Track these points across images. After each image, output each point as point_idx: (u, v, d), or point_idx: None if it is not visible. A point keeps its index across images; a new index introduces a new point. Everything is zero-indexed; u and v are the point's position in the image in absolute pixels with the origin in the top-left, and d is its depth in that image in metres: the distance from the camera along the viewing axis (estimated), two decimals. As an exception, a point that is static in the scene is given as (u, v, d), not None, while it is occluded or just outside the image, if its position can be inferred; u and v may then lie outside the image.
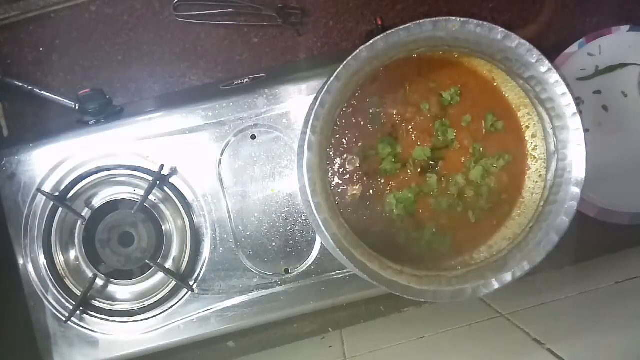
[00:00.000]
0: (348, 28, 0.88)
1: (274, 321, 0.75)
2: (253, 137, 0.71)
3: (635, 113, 0.83)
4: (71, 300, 0.71)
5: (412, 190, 0.63)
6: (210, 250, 0.71)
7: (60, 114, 0.83)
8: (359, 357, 0.73)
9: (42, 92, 0.83)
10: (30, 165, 0.71)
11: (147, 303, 0.72)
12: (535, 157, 0.64)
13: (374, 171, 0.63)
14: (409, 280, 0.58)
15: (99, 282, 0.73)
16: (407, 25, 0.56)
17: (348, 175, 0.63)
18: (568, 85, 0.58)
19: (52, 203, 0.70)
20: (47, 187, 0.71)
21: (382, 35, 0.56)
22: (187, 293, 0.72)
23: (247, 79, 0.75)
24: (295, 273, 0.71)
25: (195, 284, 0.72)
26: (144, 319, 0.72)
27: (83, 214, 0.71)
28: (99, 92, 0.74)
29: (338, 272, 0.71)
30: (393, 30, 0.56)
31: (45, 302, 0.72)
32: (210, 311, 0.72)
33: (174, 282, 0.71)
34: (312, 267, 0.71)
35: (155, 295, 0.72)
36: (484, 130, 0.64)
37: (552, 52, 0.82)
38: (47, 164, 0.71)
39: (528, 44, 0.57)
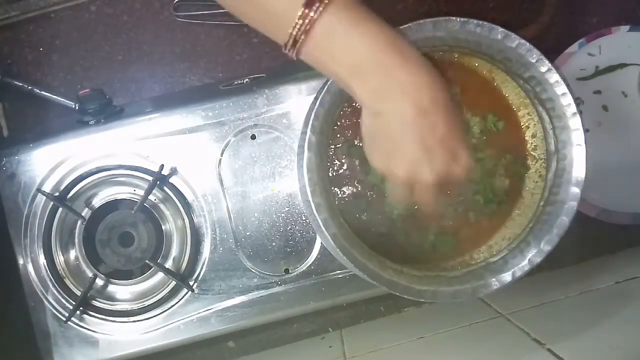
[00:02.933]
0: (348, 28, 0.88)
1: (274, 321, 0.75)
2: (253, 137, 0.71)
3: (635, 113, 0.83)
4: (71, 300, 0.71)
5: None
6: (210, 250, 0.71)
7: (60, 114, 0.84)
8: (359, 357, 0.73)
9: (42, 92, 0.83)
10: (30, 165, 0.71)
11: (147, 303, 0.72)
12: (535, 157, 0.64)
13: (374, 171, 0.63)
14: (409, 280, 0.58)
15: (99, 282, 0.73)
16: (407, 25, 0.56)
17: (348, 175, 0.63)
18: (568, 85, 0.58)
19: (52, 203, 0.70)
20: (47, 187, 0.71)
21: (382, 35, 0.56)
22: (187, 293, 0.72)
23: (247, 79, 0.75)
24: (295, 273, 0.71)
25: (195, 284, 0.72)
26: (144, 319, 0.72)
27: (83, 214, 0.71)
28: (99, 92, 0.74)
29: (338, 272, 0.71)
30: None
31: (45, 302, 0.72)
32: (210, 311, 0.72)
33: (174, 282, 0.71)
34: (312, 267, 0.71)
35: (155, 295, 0.72)
36: (484, 130, 0.64)
37: (552, 52, 0.82)
38: (47, 164, 0.71)
39: (528, 44, 0.57)
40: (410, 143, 0.46)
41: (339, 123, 0.63)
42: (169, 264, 0.72)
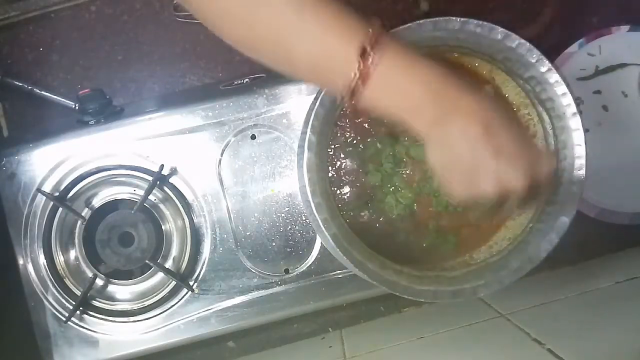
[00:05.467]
0: (348, 28, 0.88)
1: (274, 321, 0.75)
2: (253, 137, 0.71)
3: (635, 113, 0.83)
4: (71, 300, 0.71)
5: (412, 190, 0.63)
6: (210, 250, 0.71)
7: (60, 114, 0.84)
8: (359, 357, 0.73)
9: (42, 92, 0.83)
10: (30, 165, 0.71)
11: (147, 303, 0.72)
12: (535, 157, 0.64)
13: (374, 171, 0.63)
14: (409, 280, 0.58)
15: (99, 282, 0.73)
16: (407, 25, 0.56)
17: (348, 175, 0.63)
18: (568, 85, 0.58)
19: (52, 203, 0.70)
20: (47, 187, 0.71)
21: (382, 35, 0.56)
22: (187, 293, 0.72)
23: (247, 79, 0.75)
24: (295, 273, 0.71)
25: (195, 284, 0.72)
26: (144, 319, 0.72)
27: (83, 214, 0.71)
28: (99, 92, 0.74)
29: (338, 272, 0.71)
30: (393, 30, 0.56)
31: (45, 302, 0.72)
32: (210, 311, 0.72)
33: (174, 282, 0.71)
34: (312, 267, 0.71)
35: (155, 295, 0.72)
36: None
37: (552, 52, 0.82)
38: (47, 164, 0.71)
39: (528, 44, 0.57)
40: (489, 158, 0.46)
41: (339, 123, 0.63)
42: (169, 264, 0.72)
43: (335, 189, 0.63)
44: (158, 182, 0.70)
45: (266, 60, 0.47)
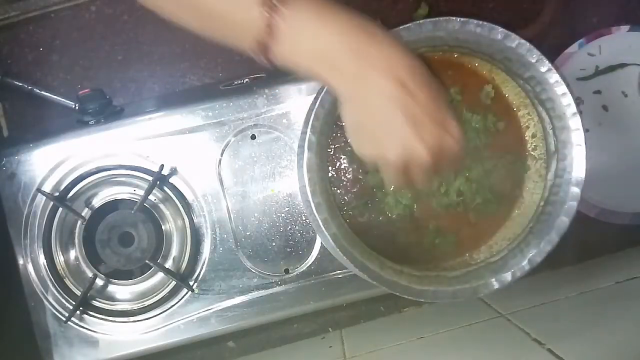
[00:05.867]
0: (348, 28, 0.88)
1: (274, 321, 0.75)
2: (253, 137, 0.71)
3: (635, 113, 0.83)
4: (71, 300, 0.71)
5: (412, 190, 0.63)
6: (210, 250, 0.71)
7: (60, 114, 0.84)
8: (359, 357, 0.73)
9: (42, 92, 0.83)
10: (30, 165, 0.71)
11: (147, 303, 0.72)
12: (535, 157, 0.64)
13: (374, 171, 0.63)
14: (409, 280, 0.58)
15: (99, 282, 0.73)
16: (407, 25, 0.56)
17: (348, 175, 0.63)
18: (568, 85, 0.58)
19: (52, 203, 0.70)
20: (47, 187, 0.71)
21: (382, 35, 0.56)
22: (187, 293, 0.72)
23: (247, 79, 0.75)
24: (295, 273, 0.71)
25: (195, 284, 0.72)
26: (144, 319, 0.72)
27: (83, 214, 0.71)
28: (99, 92, 0.74)
29: (338, 272, 0.71)
30: (393, 30, 0.56)
31: (45, 302, 0.72)
32: (210, 311, 0.72)
33: (174, 282, 0.71)
34: (312, 267, 0.71)
35: (155, 295, 0.72)
36: (484, 130, 0.64)
37: (552, 52, 0.82)
38: (47, 164, 0.71)
39: (528, 44, 0.57)
40: (396, 118, 0.44)
41: (339, 123, 0.63)
42: (169, 264, 0.72)
43: (335, 189, 0.63)
44: (158, 182, 0.70)
45: (178, 20, 0.45)
